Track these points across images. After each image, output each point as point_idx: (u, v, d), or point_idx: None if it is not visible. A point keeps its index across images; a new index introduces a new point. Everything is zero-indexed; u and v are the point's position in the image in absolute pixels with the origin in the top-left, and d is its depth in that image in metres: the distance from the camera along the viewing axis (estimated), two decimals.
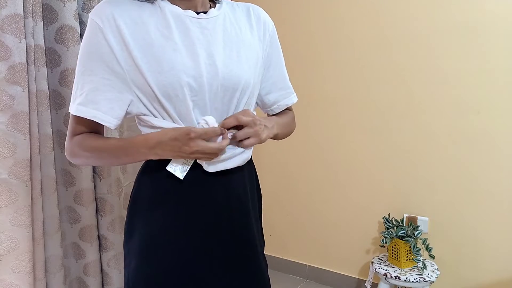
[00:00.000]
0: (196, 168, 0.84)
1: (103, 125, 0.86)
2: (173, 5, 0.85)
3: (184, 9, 0.86)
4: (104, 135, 0.90)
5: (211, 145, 0.79)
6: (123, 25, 0.79)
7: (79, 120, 0.84)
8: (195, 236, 0.86)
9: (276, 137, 0.97)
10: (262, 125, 0.87)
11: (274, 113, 1.04)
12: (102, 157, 0.85)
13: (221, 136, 0.81)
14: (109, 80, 0.81)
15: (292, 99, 1.04)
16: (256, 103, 1.00)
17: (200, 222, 0.86)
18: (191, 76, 0.80)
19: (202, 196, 0.86)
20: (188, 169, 0.84)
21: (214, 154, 0.80)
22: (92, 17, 0.81)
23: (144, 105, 0.82)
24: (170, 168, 0.82)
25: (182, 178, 0.83)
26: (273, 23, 1.00)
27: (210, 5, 0.92)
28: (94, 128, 0.86)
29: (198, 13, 0.87)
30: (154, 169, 0.87)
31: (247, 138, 0.84)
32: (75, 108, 0.82)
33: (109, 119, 0.82)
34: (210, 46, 0.84)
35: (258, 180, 1.02)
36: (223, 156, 0.84)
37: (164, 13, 0.83)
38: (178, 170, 0.83)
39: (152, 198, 0.87)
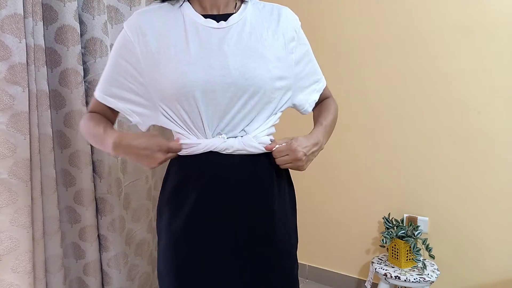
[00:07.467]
0: (219, 158, 0.88)
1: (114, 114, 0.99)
2: (196, 12, 0.88)
3: (207, 10, 0.89)
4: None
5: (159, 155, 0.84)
6: (150, 39, 0.86)
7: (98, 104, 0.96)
8: (215, 227, 0.88)
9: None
10: (304, 155, 0.91)
11: (308, 112, 1.03)
12: (89, 137, 0.97)
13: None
14: (131, 83, 0.90)
15: (314, 96, 1.04)
16: (294, 104, 1.00)
17: (219, 212, 0.88)
18: (203, 90, 0.83)
19: (222, 187, 0.88)
20: None
21: (153, 162, 0.85)
22: (125, 28, 0.89)
23: (168, 114, 0.88)
24: None
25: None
26: (299, 22, 0.98)
27: (236, 3, 0.92)
28: (106, 115, 0.98)
29: (219, 20, 0.88)
30: (181, 157, 0.90)
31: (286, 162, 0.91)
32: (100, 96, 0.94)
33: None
34: (226, 57, 0.85)
35: (290, 177, 1.03)
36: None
37: (185, 24, 0.87)
38: None
39: (177, 186, 0.91)
